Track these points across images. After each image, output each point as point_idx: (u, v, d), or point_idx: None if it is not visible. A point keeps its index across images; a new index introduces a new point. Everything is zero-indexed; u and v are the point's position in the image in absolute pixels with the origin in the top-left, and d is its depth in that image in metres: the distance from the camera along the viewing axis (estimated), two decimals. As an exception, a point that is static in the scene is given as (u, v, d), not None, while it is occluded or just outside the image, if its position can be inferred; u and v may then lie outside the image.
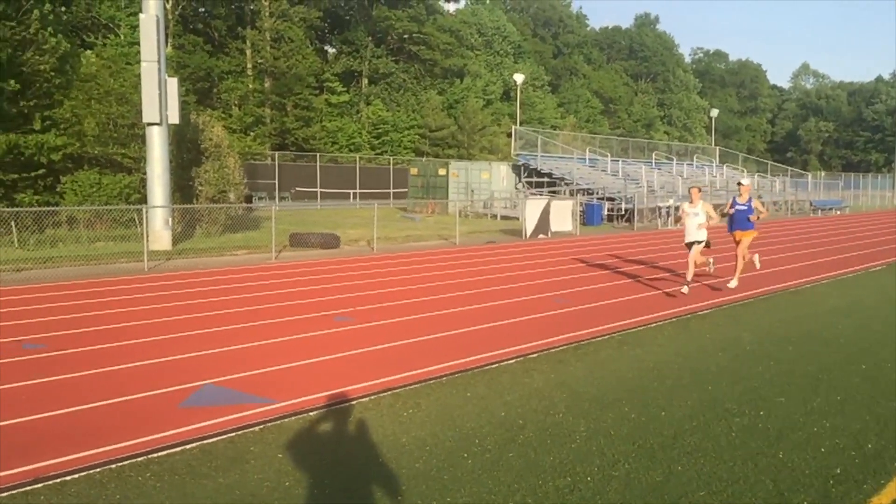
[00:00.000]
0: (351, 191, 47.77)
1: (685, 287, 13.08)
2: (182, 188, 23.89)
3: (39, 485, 4.97)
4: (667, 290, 13.63)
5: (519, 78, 49.94)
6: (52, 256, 18.08)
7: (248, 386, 7.31)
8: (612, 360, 8.62)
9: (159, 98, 19.81)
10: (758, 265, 14.49)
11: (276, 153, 47.30)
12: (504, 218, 34.74)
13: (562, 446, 5.82)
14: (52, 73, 24.44)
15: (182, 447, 5.70)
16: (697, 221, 13.05)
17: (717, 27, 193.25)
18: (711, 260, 14.14)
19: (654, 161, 47.93)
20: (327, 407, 6.70)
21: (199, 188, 24.46)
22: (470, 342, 9.34)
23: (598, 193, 36.14)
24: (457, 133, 61.07)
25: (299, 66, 53.37)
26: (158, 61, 19.66)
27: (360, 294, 13.14)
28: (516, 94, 55.44)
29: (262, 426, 6.20)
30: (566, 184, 37.62)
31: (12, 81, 22.49)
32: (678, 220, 14.51)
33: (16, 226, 20.30)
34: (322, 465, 5.37)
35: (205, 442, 5.82)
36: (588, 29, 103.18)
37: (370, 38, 63.81)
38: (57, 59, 24.43)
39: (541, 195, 34.27)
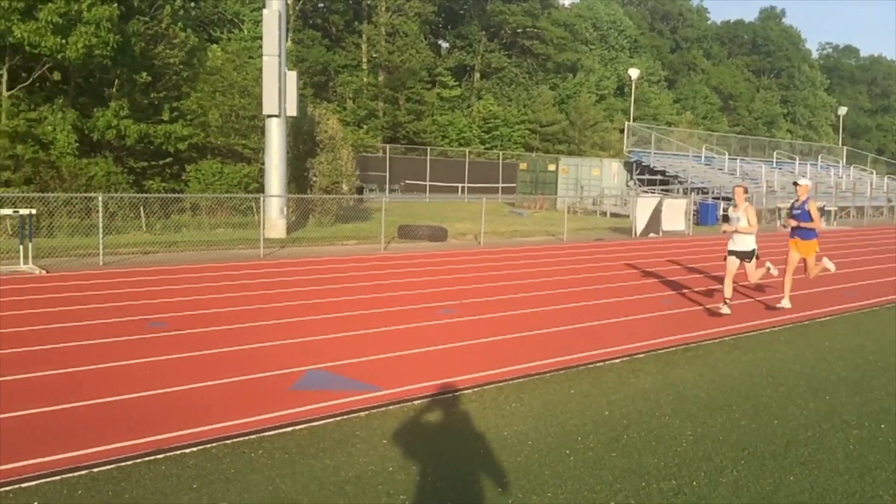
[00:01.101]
0: (459, 184, 48.05)
1: (724, 307, 11.12)
2: (297, 178, 24.65)
3: (161, 455, 5.24)
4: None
5: (634, 73, 48.93)
6: (176, 241, 19.02)
7: (354, 372, 7.49)
8: (724, 363, 8.35)
9: (279, 91, 20.48)
10: (831, 268, 12.49)
11: (388, 146, 48.07)
12: (614, 216, 34.17)
13: (667, 449, 5.69)
14: (181, 67, 25.67)
15: (291, 428, 5.89)
16: (741, 224, 11.43)
17: (848, 21, 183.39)
18: (768, 265, 12.23)
19: (774, 160, 46.02)
20: (431, 397, 6.79)
21: (314, 179, 25.17)
22: (575, 339, 9.25)
23: (713, 193, 35.02)
24: (568, 129, 60.43)
25: (412, 61, 54.05)
26: (279, 55, 20.33)
27: (465, 287, 13.22)
28: (631, 89, 54.35)
29: (367, 412, 6.34)
30: (679, 182, 36.62)
31: (144, 74, 23.74)
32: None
33: (144, 211, 21.46)
34: (425, 453, 5.45)
35: (312, 424, 6.00)
36: (709, 23, 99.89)
37: (483, 33, 63.88)
38: (185, 53, 25.64)
39: (652, 193, 33.51)
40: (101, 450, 5.30)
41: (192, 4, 30.21)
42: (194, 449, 5.39)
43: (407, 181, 46.61)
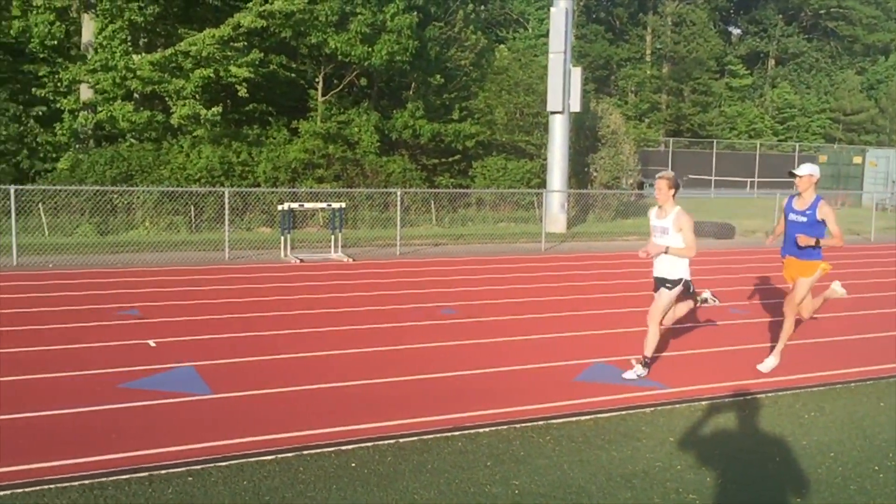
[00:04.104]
0: (748, 179, 45.32)
1: (636, 370, 7.15)
2: (578, 174, 24.83)
3: (457, 433, 5.63)
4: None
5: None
6: (462, 234, 20.08)
7: (639, 368, 7.46)
8: None
9: (563, 87, 20.77)
10: (840, 292, 8.50)
11: (671, 139, 46.66)
12: (932, 214, 30.27)
13: None
14: (471, 68, 26.96)
15: (577, 418, 6.03)
16: (666, 243, 7.08)
17: None
18: (706, 296, 7.78)
19: None
20: (720, 398, 6.57)
21: (594, 174, 25.20)
22: (886, 348, 8.40)
23: None
24: (877, 117, 54.42)
25: (700, 50, 51.91)
26: (565, 52, 20.61)
27: (755, 287, 12.53)
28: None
29: (652, 408, 6.30)
30: None
31: (438, 76, 25.27)
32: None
33: (434, 205, 22.89)
34: (714, 455, 5.31)
35: (597, 416, 6.09)
36: None
37: (780, 17, 59.56)
38: (475, 55, 26.86)
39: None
40: (407, 422, 5.82)
41: (482, 7, 31.55)
42: (487, 429, 5.72)
43: (690, 176, 44.83)
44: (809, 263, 7.47)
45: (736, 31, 63.22)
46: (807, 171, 7.45)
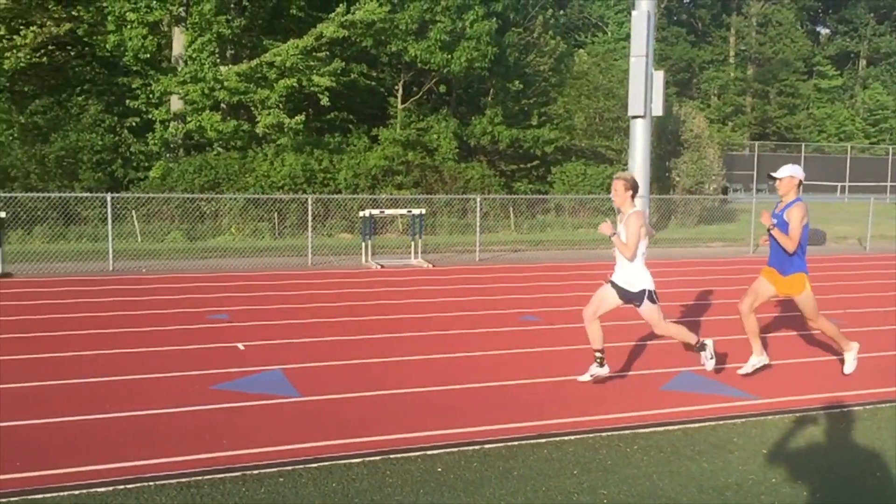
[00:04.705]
0: (839, 184, 43.71)
1: (595, 369, 6.76)
2: (659, 179, 24.41)
3: (542, 440, 5.59)
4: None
5: None
6: (541, 240, 19.99)
7: (728, 377, 7.27)
8: None
9: (645, 91, 20.43)
10: (850, 362, 7.29)
11: (756, 143, 45.40)
12: None
13: None
14: (550, 73, 26.84)
15: (665, 427, 5.91)
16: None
17: None
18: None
19: None
20: (815, 410, 6.34)
21: (676, 179, 24.72)
22: None
23: None
24: (981, 118, 51.81)
25: (786, 51, 50.41)
26: (646, 55, 20.27)
27: (849, 296, 12.06)
28: None
29: (744, 419, 6.12)
30: None
31: (517, 82, 25.25)
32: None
33: (513, 211, 22.83)
34: (810, 468, 5.12)
35: (686, 426, 5.95)
36: None
37: (872, 15, 57.30)
38: (554, 60, 26.74)
39: None
40: (492, 428, 5.81)
41: (561, 12, 31.41)
42: (573, 437, 5.66)
43: (776, 180, 43.51)
44: (792, 279, 6.82)
45: (824, 31, 61.13)
46: (787, 172, 6.90)
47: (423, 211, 16.83)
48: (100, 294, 11.67)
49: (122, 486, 4.63)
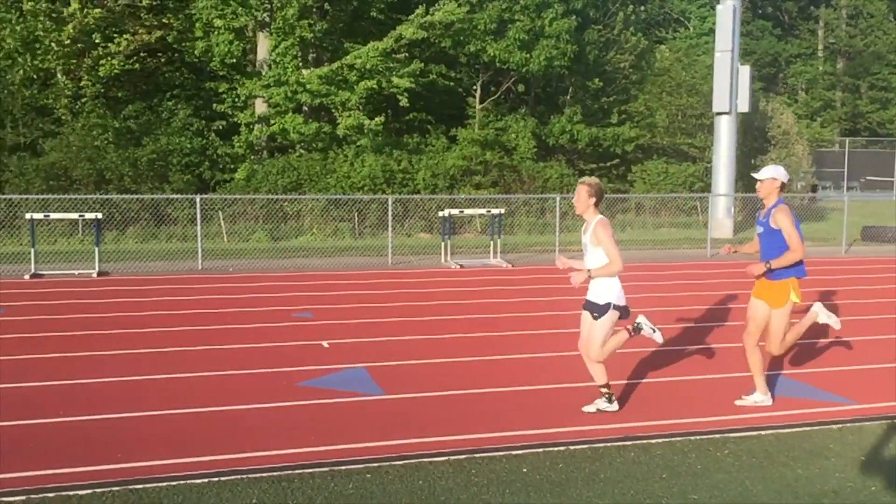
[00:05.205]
0: (936, 181, 41.66)
1: (596, 404, 6.20)
2: (744, 176, 23.75)
3: (629, 442, 5.51)
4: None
5: None
6: (622, 240, 19.63)
7: (823, 382, 7.03)
8: None
9: (730, 87, 19.97)
10: (834, 324, 6.64)
11: (846, 139, 43.69)
12: None
13: None
14: (630, 70, 26.44)
15: (757, 432, 5.75)
16: (586, 263, 6.05)
17: None
18: (641, 324, 6.24)
19: None
20: (917, 417, 6.07)
21: (763, 177, 24.02)
22: None
23: None
24: None
25: (879, 44, 48.32)
26: (732, 50, 19.82)
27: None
28: None
29: (840, 425, 5.90)
30: None
31: (596, 80, 24.97)
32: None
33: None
34: (914, 479, 4.91)
35: (779, 431, 5.77)
36: None
37: (972, 3, 54.46)
38: (635, 57, 26.33)
39: None
40: (577, 429, 5.76)
41: (641, 8, 30.92)
42: (660, 440, 5.56)
43: (868, 177, 41.83)
44: (776, 285, 6.14)
45: (920, 21, 58.34)
46: (769, 174, 6.24)
47: (503, 210, 16.78)
48: (190, 292, 12.06)
49: (216, 479, 4.77)
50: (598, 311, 5.94)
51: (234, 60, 22.57)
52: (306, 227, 20.10)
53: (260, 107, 22.69)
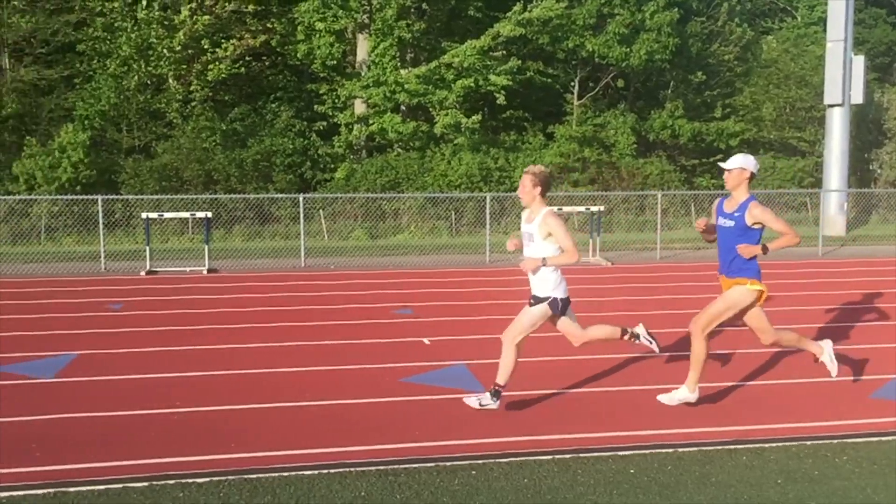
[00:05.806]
0: None
1: (481, 398, 5.99)
2: (858, 171, 22.68)
3: (740, 446, 5.34)
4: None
5: None
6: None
7: (950, 388, 6.63)
8: None
9: (843, 78, 19.10)
10: (831, 371, 6.18)
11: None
12: None
13: None
14: (735, 62, 25.62)
15: (878, 438, 5.47)
16: (534, 252, 5.83)
17: None
18: (637, 332, 6.41)
19: None
20: None
21: (878, 171, 22.86)
22: None
23: None
24: None
25: None
26: (845, 40, 18.96)
27: None
28: None
29: (972, 434, 5.55)
30: None
31: (699, 73, 24.30)
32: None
33: (695, 207, 21.98)
34: None
35: (903, 438, 5.48)
36: None
37: None
38: (740, 48, 25.49)
39: None
40: (685, 431, 5.61)
41: (747, -2, 29.98)
42: (773, 445, 5.36)
43: None
44: (735, 283, 6.01)
45: None
46: (737, 164, 5.89)
47: (602, 208, 16.54)
48: (294, 289, 12.40)
49: (325, 471, 4.88)
50: (534, 300, 5.97)
51: (335, 62, 23.06)
52: (404, 226, 20.35)
53: (359, 107, 23.10)
